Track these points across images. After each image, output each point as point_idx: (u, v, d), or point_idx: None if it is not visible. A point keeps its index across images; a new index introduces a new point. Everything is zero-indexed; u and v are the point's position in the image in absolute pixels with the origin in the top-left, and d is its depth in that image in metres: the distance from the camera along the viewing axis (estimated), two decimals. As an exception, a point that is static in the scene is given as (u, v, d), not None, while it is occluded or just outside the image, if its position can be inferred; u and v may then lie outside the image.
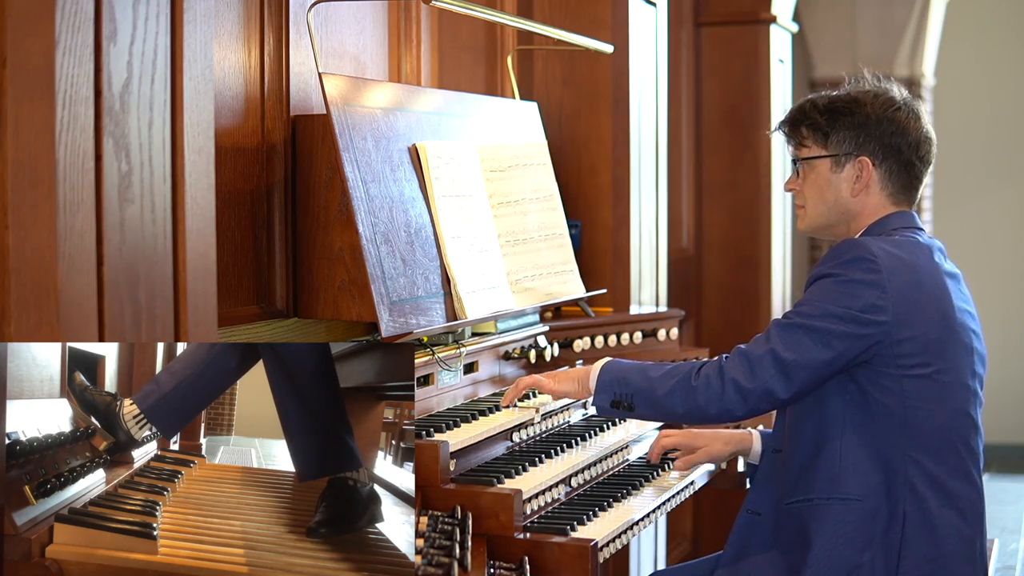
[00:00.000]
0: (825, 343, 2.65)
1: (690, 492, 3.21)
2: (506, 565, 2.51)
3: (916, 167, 2.83)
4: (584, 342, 3.72)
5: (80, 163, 1.83)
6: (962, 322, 2.73)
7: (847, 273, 2.67)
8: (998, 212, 8.62)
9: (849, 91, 2.86)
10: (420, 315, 2.89)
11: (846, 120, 2.81)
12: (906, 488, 2.67)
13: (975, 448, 2.75)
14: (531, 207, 3.52)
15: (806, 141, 2.86)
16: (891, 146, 2.80)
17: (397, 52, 3.46)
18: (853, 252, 2.69)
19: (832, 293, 2.67)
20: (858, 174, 2.80)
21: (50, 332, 1.81)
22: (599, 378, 2.90)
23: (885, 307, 2.64)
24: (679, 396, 2.78)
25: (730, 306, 5.62)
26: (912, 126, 2.82)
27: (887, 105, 2.82)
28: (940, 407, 2.68)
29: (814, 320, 2.67)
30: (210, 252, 2.09)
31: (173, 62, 2.00)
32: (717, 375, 2.73)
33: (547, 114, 4.10)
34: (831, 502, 2.69)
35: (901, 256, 2.69)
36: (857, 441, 2.68)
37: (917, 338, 2.65)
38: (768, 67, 5.56)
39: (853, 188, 2.81)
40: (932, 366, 2.66)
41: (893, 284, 2.65)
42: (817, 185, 2.85)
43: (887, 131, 2.80)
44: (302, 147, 2.92)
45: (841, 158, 2.82)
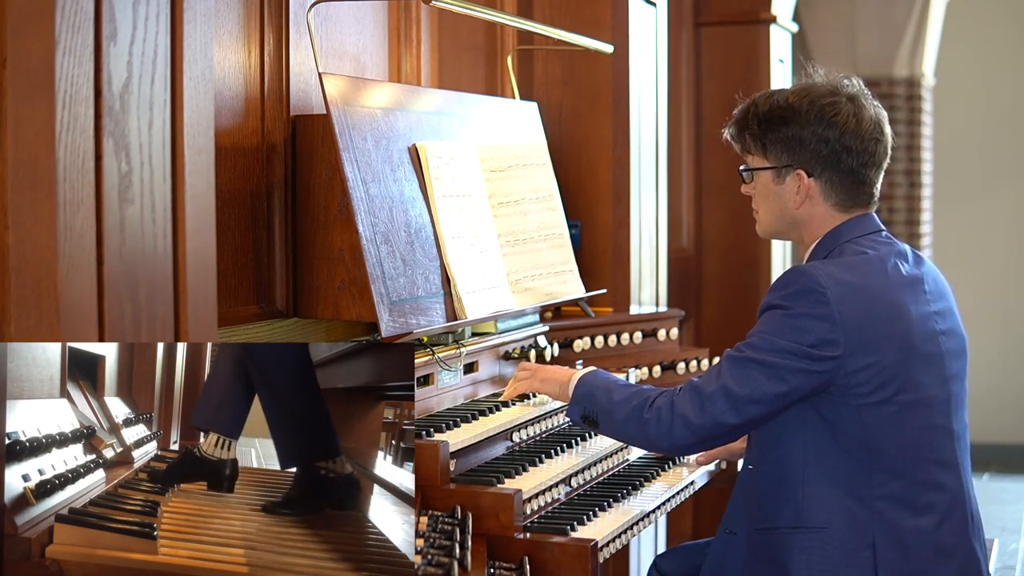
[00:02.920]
0: (778, 378, 2.57)
1: (690, 492, 3.21)
2: (506, 565, 2.51)
3: (860, 172, 2.70)
4: (584, 342, 3.72)
5: (80, 163, 1.83)
6: (923, 332, 2.63)
7: (795, 306, 2.57)
8: (997, 212, 8.63)
9: (789, 95, 2.72)
10: (420, 315, 2.89)
11: (781, 131, 2.70)
12: (872, 512, 2.59)
13: (950, 455, 2.66)
14: (531, 207, 3.52)
15: (749, 148, 2.78)
16: (827, 156, 2.68)
17: (397, 52, 3.46)
18: (800, 283, 2.58)
19: (782, 327, 2.58)
20: (798, 185, 2.70)
21: (50, 332, 1.81)
22: (575, 390, 2.87)
23: (836, 340, 2.55)
24: (633, 425, 2.73)
25: (730, 306, 5.61)
26: (853, 128, 2.67)
27: (825, 109, 2.68)
28: (902, 429, 2.59)
29: (765, 355, 2.57)
30: (210, 252, 2.09)
31: (173, 62, 2.00)
32: (668, 410, 2.66)
33: (547, 114, 4.10)
34: (797, 532, 2.63)
35: (851, 281, 2.59)
36: (819, 470, 2.61)
37: (872, 365, 2.56)
38: (768, 67, 5.56)
39: (795, 200, 2.71)
40: (890, 389, 2.58)
41: (843, 315, 2.55)
42: (764, 195, 2.77)
43: (822, 139, 2.66)
44: (302, 147, 2.92)
45: (781, 170, 2.72)
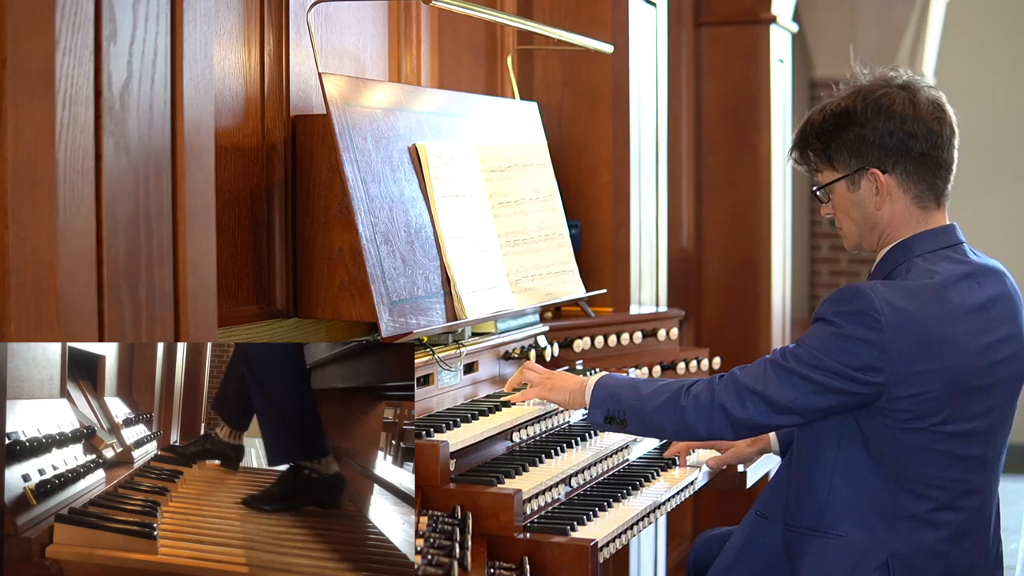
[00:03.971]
0: (818, 393, 2.57)
1: (690, 492, 3.21)
2: (506, 565, 2.51)
3: (932, 156, 2.66)
4: (584, 342, 3.72)
5: (80, 163, 1.83)
6: (977, 366, 2.57)
7: (847, 327, 2.54)
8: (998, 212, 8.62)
9: (841, 100, 2.71)
10: (420, 315, 2.89)
11: (842, 137, 2.68)
12: (892, 531, 2.59)
13: (979, 482, 2.64)
14: (531, 207, 3.52)
15: (817, 166, 2.75)
16: (895, 147, 2.65)
17: (397, 52, 3.46)
18: (856, 303, 2.54)
19: (830, 345, 2.56)
20: (875, 186, 2.67)
21: (50, 332, 1.81)
22: (593, 393, 2.88)
23: (883, 368, 2.52)
24: (668, 414, 2.74)
25: (730, 306, 5.61)
26: (912, 115, 2.64)
27: (880, 103, 2.66)
28: (936, 456, 2.58)
29: (809, 370, 2.57)
30: (210, 252, 2.09)
31: (173, 62, 2.00)
32: (708, 397, 2.67)
33: (547, 114, 4.10)
34: (816, 534, 2.65)
35: (908, 309, 2.53)
36: (847, 477, 2.62)
37: (915, 396, 2.54)
38: (768, 67, 5.56)
39: (876, 201, 2.68)
40: (931, 420, 2.55)
41: (895, 344, 2.51)
42: (843, 207, 2.73)
43: (885, 132, 2.64)
44: (302, 147, 2.92)
45: (853, 176, 2.69)
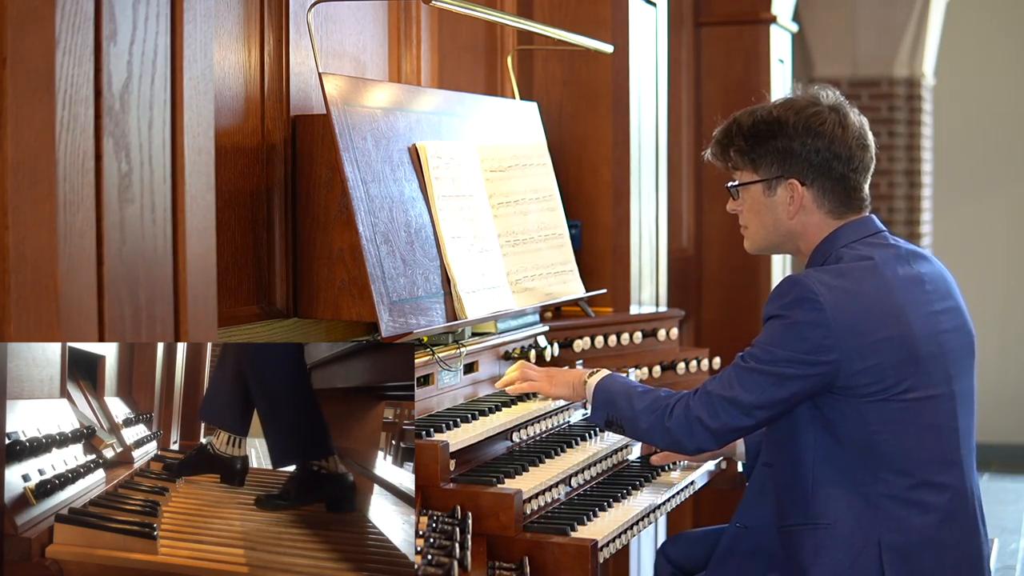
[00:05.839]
0: (778, 385, 2.64)
1: (690, 492, 3.21)
2: (506, 565, 2.51)
3: (850, 178, 2.74)
4: (584, 342, 3.72)
5: (80, 163, 1.83)
6: (925, 333, 2.66)
7: (792, 315, 2.62)
8: (997, 212, 8.62)
9: (772, 108, 2.77)
10: (420, 315, 2.89)
11: (770, 144, 2.74)
12: (877, 510, 2.63)
13: (954, 454, 2.69)
14: (531, 207, 3.52)
15: (737, 165, 2.81)
16: (819, 164, 2.72)
17: (397, 52, 3.46)
18: (794, 292, 2.63)
19: (780, 336, 2.64)
20: (791, 195, 2.74)
21: (50, 332, 1.81)
22: (595, 396, 2.94)
23: (832, 346, 2.59)
24: (658, 434, 2.81)
25: (730, 306, 5.61)
26: (840, 136, 2.72)
27: (811, 119, 2.72)
28: (905, 427, 2.63)
29: (766, 364, 2.65)
30: (210, 252, 2.09)
31: (173, 62, 2.00)
32: (685, 413, 2.74)
33: (547, 114, 4.10)
34: (806, 528, 2.69)
35: (844, 286, 2.63)
36: (826, 468, 2.67)
37: (872, 368, 2.61)
38: (768, 67, 5.56)
39: (788, 210, 2.75)
40: (894, 389, 2.62)
41: (838, 320, 2.60)
42: (755, 209, 2.80)
43: (812, 149, 2.71)
44: (302, 147, 2.92)
45: (772, 182, 2.75)
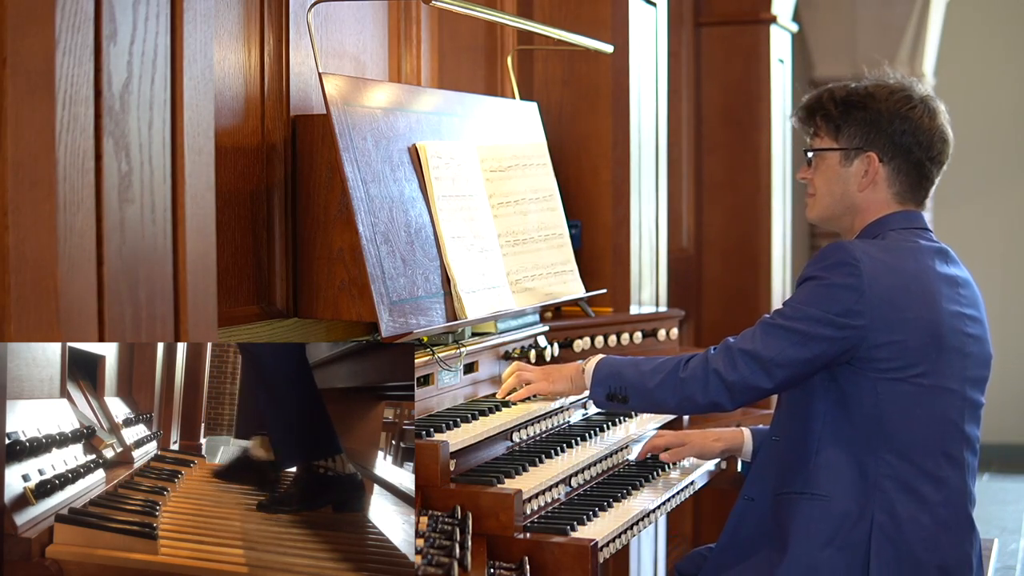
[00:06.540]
0: (803, 344, 2.68)
1: (690, 492, 3.21)
2: (506, 565, 2.51)
3: (926, 167, 2.84)
4: (584, 342, 3.72)
5: (80, 163, 1.83)
6: (953, 327, 2.72)
7: (829, 276, 2.69)
8: (998, 212, 8.62)
9: (867, 85, 2.86)
10: (420, 315, 2.89)
11: (858, 114, 2.82)
12: (876, 489, 2.68)
13: (958, 452, 2.73)
14: (531, 207, 3.52)
15: (819, 131, 2.88)
16: (901, 144, 2.81)
17: (397, 52, 3.46)
18: (836, 256, 2.70)
19: (813, 296, 2.70)
20: (866, 169, 2.82)
21: (50, 332, 1.81)
22: (595, 373, 2.98)
23: (862, 311, 2.65)
24: (669, 388, 2.84)
25: (730, 306, 5.61)
26: (926, 125, 2.81)
27: (902, 102, 2.81)
28: (916, 411, 2.68)
29: (794, 322, 2.70)
30: (210, 252, 2.09)
31: (173, 62, 2.00)
32: (702, 366, 2.79)
33: (547, 114, 4.10)
34: (803, 497, 2.73)
35: (886, 261, 2.70)
36: (833, 439, 2.72)
37: (896, 343, 2.66)
38: (768, 67, 5.56)
39: (860, 183, 2.83)
40: (911, 370, 2.67)
41: (873, 289, 2.66)
42: (827, 177, 2.87)
43: (898, 129, 2.80)
44: (302, 147, 2.92)
45: (851, 152, 2.83)
